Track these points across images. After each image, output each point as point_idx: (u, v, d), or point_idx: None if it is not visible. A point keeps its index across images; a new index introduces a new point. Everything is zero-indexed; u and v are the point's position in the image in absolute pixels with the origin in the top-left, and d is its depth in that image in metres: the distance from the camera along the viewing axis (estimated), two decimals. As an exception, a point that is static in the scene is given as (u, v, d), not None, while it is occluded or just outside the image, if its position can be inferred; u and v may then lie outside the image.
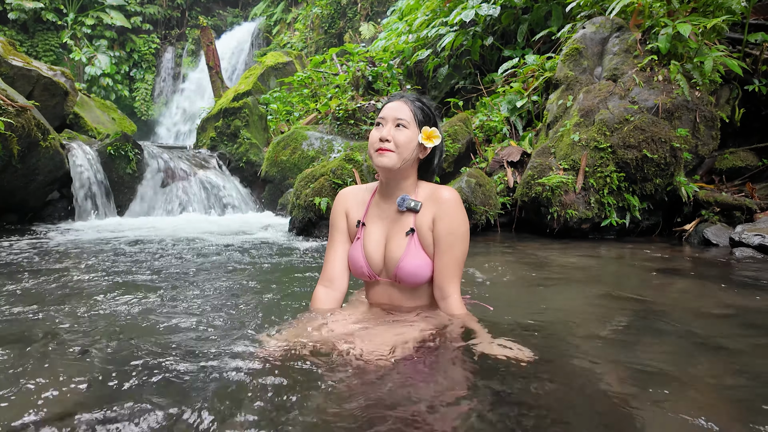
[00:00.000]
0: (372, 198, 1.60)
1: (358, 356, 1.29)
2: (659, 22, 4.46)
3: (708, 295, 2.30)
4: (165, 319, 1.77)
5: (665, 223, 4.40)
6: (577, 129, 4.33)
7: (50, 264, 2.93)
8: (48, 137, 5.06)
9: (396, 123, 1.47)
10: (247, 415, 1.06)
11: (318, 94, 8.24)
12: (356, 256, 1.55)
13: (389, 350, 1.32)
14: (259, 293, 2.19)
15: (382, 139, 1.46)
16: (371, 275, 1.55)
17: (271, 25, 17.15)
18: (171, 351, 1.43)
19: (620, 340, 1.67)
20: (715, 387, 1.29)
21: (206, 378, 1.24)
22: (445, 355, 1.37)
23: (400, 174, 1.50)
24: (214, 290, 2.26)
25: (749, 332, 1.75)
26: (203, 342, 1.51)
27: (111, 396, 1.15)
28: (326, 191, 4.27)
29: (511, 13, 6.21)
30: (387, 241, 1.53)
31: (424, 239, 1.49)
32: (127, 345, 1.49)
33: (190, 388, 1.19)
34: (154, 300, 2.07)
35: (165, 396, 1.15)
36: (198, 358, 1.36)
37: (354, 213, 1.61)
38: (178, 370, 1.28)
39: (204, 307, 1.96)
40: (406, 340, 1.37)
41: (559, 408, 1.14)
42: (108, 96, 16.40)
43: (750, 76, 4.68)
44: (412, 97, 1.53)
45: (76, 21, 16.37)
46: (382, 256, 1.53)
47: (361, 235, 1.57)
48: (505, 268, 2.88)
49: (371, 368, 1.25)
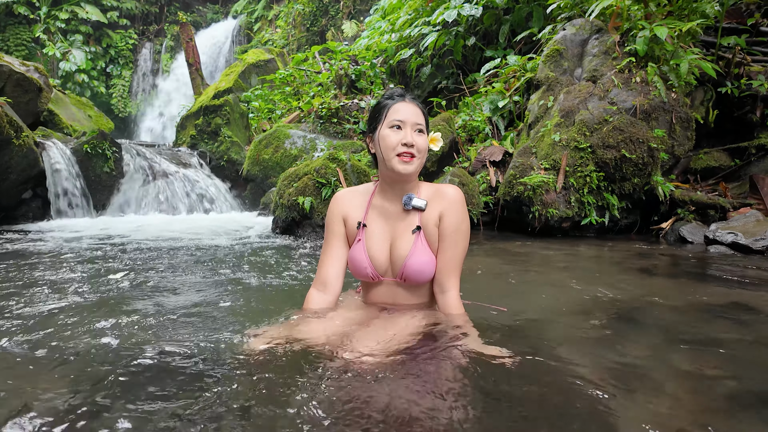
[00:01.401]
0: (371, 199, 1.59)
1: (347, 356, 1.29)
2: (637, 24, 4.56)
3: (684, 291, 2.36)
4: (145, 321, 1.74)
5: (643, 222, 4.50)
6: (558, 129, 4.40)
7: (21, 266, 2.84)
8: (21, 135, 4.92)
9: (416, 128, 1.46)
10: (234, 415, 1.05)
11: (300, 92, 8.18)
12: (359, 258, 1.53)
13: (379, 350, 1.32)
14: (242, 294, 2.16)
15: (407, 144, 1.44)
16: (375, 276, 1.54)
17: (252, 21, 16.95)
18: (155, 352, 1.40)
19: (599, 335, 1.70)
20: (692, 378, 1.33)
21: (192, 379, 1.22)
22: (434, 355, 1.38)
23: (414, 176, 1.52)
24: (196, 291, 2.22)
25: (722, 325, 1.81)
26: (187, 343, 1.49)
27: (95, 400, 1.13)
28: (310, 190, 4.25)
29: (493, 14, 6.27)
30: (393, 240, 1.53)
31: (429, 236, 1.50)
32: (108, 347, 1.46)
33: (175, 389, 1.17)
34: (134, 303, 2.03)
35: (151, 398, 1.13)
36: (183, 360, 1.34)
37: (353, 215, 1.58)
38: (163, 371, 1.26)
39: (186, 308, 1.93)
40: (398, 341, 1.37)
41: (540, 405, 1.16)
42: (83, 92, 15.98)
43: (723, 79, 4.81)
44: (414, 97, 1.54)
45: (49, 15, 15.91)
46: (387, 256, 1.53)
47: (362, 236, 1.55)
48: (487, 267, 2.91)
49: (360, 368, 1.25)
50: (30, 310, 1.90)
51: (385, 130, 1.47)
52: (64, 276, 2.56)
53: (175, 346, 1.47)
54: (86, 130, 6.55)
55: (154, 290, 2.25)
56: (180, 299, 2.08)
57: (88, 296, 2.12)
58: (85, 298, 2.09)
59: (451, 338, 1.44)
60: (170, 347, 1.47)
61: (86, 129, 7.00)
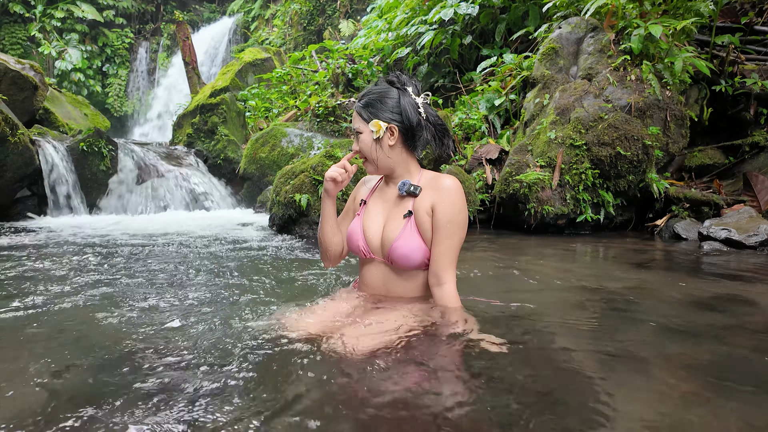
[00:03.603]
0: (378, 182, 1.70)
1: (346, 349, 1.31)
2: (632, 23, 4.58)
3: (676, 285, 2.39)
4: (141, 319, 1.74)
5: (638, 219, 4.53)
6: (554, 127, 4.42)
7: (15, 263, 2.84)
8: (17, 132, 4.91)
9: (356, 132, 1.57)
10: (237, 410, 1.06)
11: (297, 90, 8.18)
12: (354, 230, 1.63)
13: (378, 344, 1.33)
14: (237, 291, 2.17)
15: (356, 153, 1.59)
16: (366, 251, 1.60)
17: (249, 21, 16.94)
18: (154, 351, 1.41)
19: (593, 326, 1.72)
20: (682, 366, 1.35)
21: (182, 374, 1.23)
22: (432, 349, 1.39)
23: (390, 169, 1.58)
24: (191, 288, 2.23)
25: (712, 316, 1.83)
26: (185, 341, 1.50)
27: (99, 399, 1.14)
28: (306, 188, 4.25)
29: (489, 13, 6.29)
30: (386, 222, 1.58)
31: (421, 223, 1.51)
32: (106, 347, 1.46)
33: (174, 387, 1.18)
34: (128, 301, 2.04)
35: (150, 395, 1.14)
36: (181, 358, 1.35)
37: (361, 194, 1.72)
38: (163, 368, 1.27)
39: (183, 305, 1.94)
40: (395, 335, 1.39)
41: (535, 393, 1.17)
42: (80, 91, 15.94)
43: (717, 77, 4.85)
44: (360, 96, 1.58)
45: (44, 13, 15.86)
46: (379, 235, 1.58)
47: (362, 212, 1.65)
48: (482, 264, 2.93)
49: (352, 361, 1.26)
50: (23, 306, 1.90)
51: None
52: (58, 274, 2.56)
53: (169, 344, 1.48)
54: (82, 128, 6.53)
55: (149, 288, 2.25)
56: (174, 296, 2.08)
57: (83, 294, 2.12)
58: (79, 296, 2.10)
59: (446, 332, 1.46)
60: (162, 344, 1.48)
61: (82, 127, 6.98)
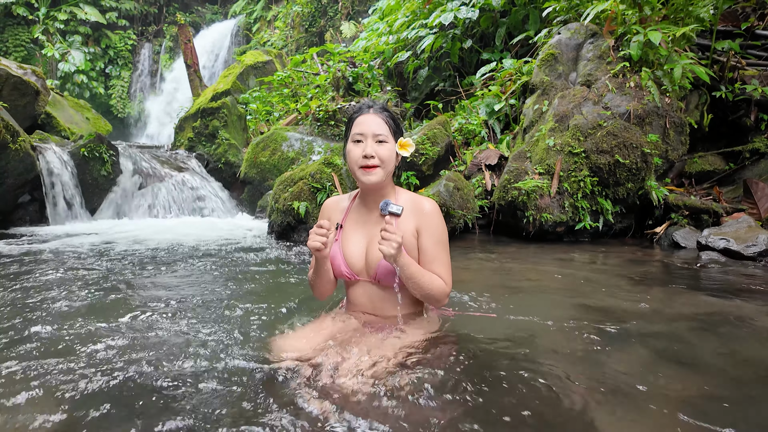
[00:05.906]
0: (352, 203, 1.67)
1: (335, 372, 1.33)
2: (631, 29, 4.56)
3: (673, 301, 2.38)
4: (142, 328, 1.75)
5: (637, 226, 4.51)
6: (552, 134, 4.41)
7: (16, 270, 2.86)
8: (18, 139, 4.94)
9: (376, 138, 1.51)
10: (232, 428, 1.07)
11: (298, 94, 8.19)
12: (335, 256, 1.62)
13: (364, 366, 1.35)
14: (234, 300, 2.18)
15: (366, 156, 1.50)
16: (350, 274, 1.61)
17: (251, 22, 16.95)
18: (152, 361, 1.42)
19: (587, 347, 1.72)
20: (675, 398, 1.35)
21: (170, 393, 1.24)
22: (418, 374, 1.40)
23: (382, 184, 1.57)
24: (193, 297, 2.24)
25: (707, 340, 1.83)
26: (183, 352, 1.51)
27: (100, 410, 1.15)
28: (305, 195, 4.26)
29: (489, 17, 6.28)
30: (369, 242, 1.59)
31: (406, 244, 1.54)
32: (108, 356, 1.47)
33: (169, 402, 1.19)
34: (125, 308, 2.04)
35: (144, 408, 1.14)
36: (178, 370, 1.36)
37: (334, 219, 1.68)
38: (158, 380, 1.28)
39: (182, 314, 1.95)
40: (384, 356, 1.40)
41: (525, 413, 1.17)
42: (83, 93, 16.00)
43: (717, 83, 4.82)
44: (380, 108, 1.57)
45: (48, 16, 15.92)
46: (362, 256, 1.59)
47: (339, 237, 1.63)
48: (480, 272, 2.93)
49: (337, 389, 1.27)
50: (25, 313, 1.91)
51: (350, 144, 1.56)
52: (58, 280, 2.57)
53: (170, 357, 1.48)
54: (84, 133, 6.56)
55: (147, 295, 2.26)
56: (172, 305, 2.09)
57: (84, 301, 2.14)
58: (80, 302, 2.11)
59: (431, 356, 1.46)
60: (157, 357, 1.48)
61: (84, 131, 7.01)
